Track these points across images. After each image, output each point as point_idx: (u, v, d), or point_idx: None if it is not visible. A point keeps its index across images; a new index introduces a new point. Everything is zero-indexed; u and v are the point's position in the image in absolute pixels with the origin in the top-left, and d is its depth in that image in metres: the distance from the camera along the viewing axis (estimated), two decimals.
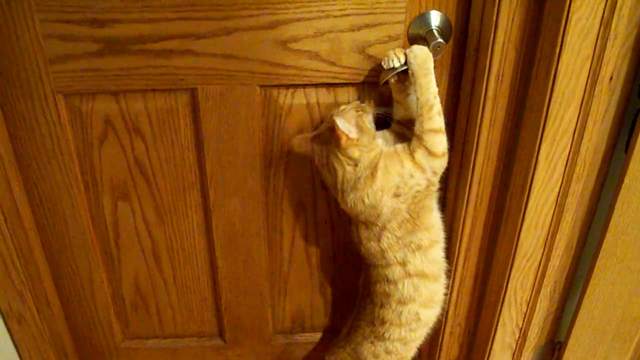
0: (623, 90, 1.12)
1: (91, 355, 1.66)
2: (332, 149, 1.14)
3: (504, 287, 1.33)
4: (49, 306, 1.50)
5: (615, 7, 0.98)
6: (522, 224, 1.22)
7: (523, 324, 1.40)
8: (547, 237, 1.25)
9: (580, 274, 1.37)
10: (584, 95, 1.07)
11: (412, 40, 1.17)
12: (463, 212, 1.30)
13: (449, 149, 1.15)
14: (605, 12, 0.98)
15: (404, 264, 1.20)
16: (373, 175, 1.13)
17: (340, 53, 1.19)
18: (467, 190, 1.26)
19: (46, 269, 1.47)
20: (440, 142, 1.13)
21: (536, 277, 1.32)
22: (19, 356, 1.52)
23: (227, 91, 1.23)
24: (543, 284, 1.33)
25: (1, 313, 1.44)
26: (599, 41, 1.01)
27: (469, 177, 1.24)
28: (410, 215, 1.16)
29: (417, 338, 1.31)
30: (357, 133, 1.12)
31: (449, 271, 1.32)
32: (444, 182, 1.31)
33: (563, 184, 1.18)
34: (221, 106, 1.25)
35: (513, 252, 1.27)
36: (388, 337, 1.28)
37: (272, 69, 1.20)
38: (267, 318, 1.61)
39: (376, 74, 1.21)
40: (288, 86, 1.24)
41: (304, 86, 1.24)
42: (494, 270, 1.36)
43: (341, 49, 1.18)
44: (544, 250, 1.27)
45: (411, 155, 1.13)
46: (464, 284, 1.42)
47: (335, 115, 1.15)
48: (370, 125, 1.16)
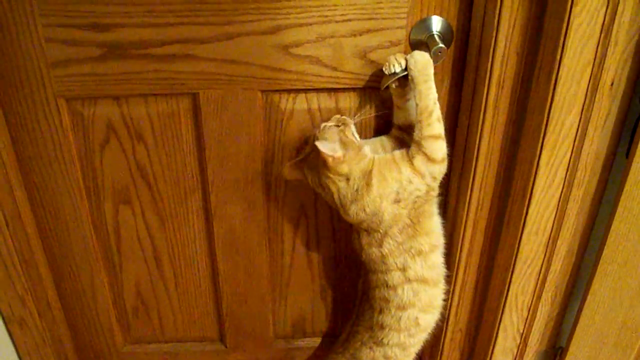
0: (624, 95, 1.12)
1: (92, 359, 1.66)
2: (322, 170, 1.15)
3: (505, 293, 1.32)
4: (50, 310, 1.50)
5: (616, 13, 0.98)
6: (523, 229, 1.22)
7: (524, 329, 1.40)
8: (548, 243, 1.25)
9: (581, 280, 1.37)
10: (585, 100, 1.07)
11: (414, 45, 1.17)
12: (464, 217, 1.30)
13: (449, 154, 1.15)
14: (606, 18, 0.98)
15: (404, 270, 1.20)
16: (369, 184, 1.13)
17: (341, 58, 1.19)
18: (468, 195, 1.26)
19: (47, 273, 1.47)
20: (439, 148, 1.12)
21: (537, 283, 1.31)
22: (20, 359, 1.53)
23: (229, 96, 1.23)
24: (544, 289, 1.32)
25: (2, 317, 1.44)
26: (600, 46, 1.01)
27: (470, 182, 1.24)
28: (411, 220, 1.16)
29: (416, 343, 1.31)
30: (342, 149, 1.12)
31: (449, 277, 1.32)
32: (445, 188, 1.31)
33: (564, 190, 1.18)
34: (222, 111, 1.25)
35: (514, 258, 1.27)
36: (387, 343, 1.27)
37: (274, 74, 1.21)
38: (268, 322, 1.60)
39: (377, 79, 1.21)
40: (289, 91, 1.24)
41: (306, 91, 1.25)
42: (495, 275, 1.35)
43: (342, 54, 1.19)
44: (545, 255, 1.27)
45: (410, 161, 1.13)
46: (465, 289, 1.42)
47: (317, 135, 1.16)
48: (353, 137, 1.15)
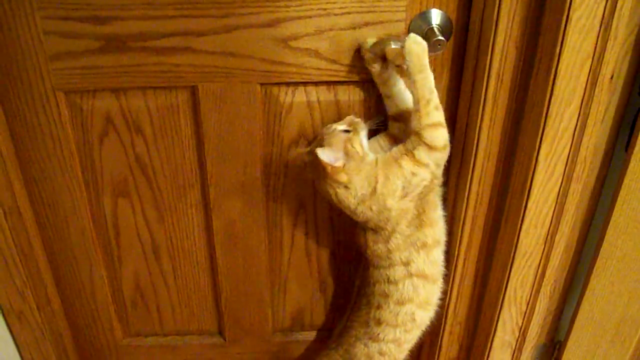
0: (623, 89, 1.12)
1: (91, 352, 1.66)
2: (321, 174, 1.14)
3: (504, 286, 1.33)
4: (49, 304, 1.50)
5: (615, 6, 0.97)
6: (522, 223, 1.22)
7: (523, 323, 1.40)
8: (547, 237, 1.25)
9: (580, 274, 1.37)
10: (584, 94, 1.07)
11: None
12: (463, 211, 1.30)
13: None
14: (605, 11, 0.98)
15: (408, 264, 1.20)
16: (374, 190, 1.14)
17: (340, 51, 1.19)
18: (467, 189, 1.26)
19: (46, 267, 1.47)
20: (440, 136, 1.11)
21: (536, 277, 1.31)
22: (19, 353, 1.52)
23: (228, 89, 1.23)
24: (543, 283, 1.32)
25: (2, 311, 1.44)
26: (600, 40, 1.01)
27: (469, 176, 1.24)
28: (417, 210, 1.16)
29: (411, 340, 1.31)
30: (344, 159, 1.12)
31: (446, 275, 1.32)
32: (444, 181, 1.31)
33: (563, 184, 1.18)
34: (221, 104, 1.25)
35: (513, 252, 1.27)
36: (383, 338, 1.28)
37: (273, 67, 1.20)
38: (267, 316, 1.61)
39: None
40: (288, 84, 1.24)
41: (305, 84, 1.24)
42: (494, 269, 1.36)
43: (342, 47, 1.18)
44: (544, 249, 1.27)
45: (410, 153, 1.12)
46: (464, 283, 1.42)
47: (324, 136, 1.16)
48: (359, 147, 1.14)
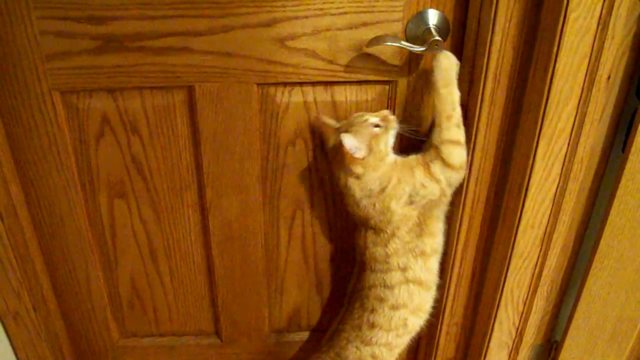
0: (620, 89, 1.12)
1: (87, 353, 1.66)
2: (338, 157, 1.16)
3: (501, 286, 1.33)
4: (45, 304, 1.50)
5: (612, 6, 0.97)
6: (519, 223, 1.22)
7: (520, 323, 1.40)
8: (544, 237, 1.25)
9: (577, 274, 1.37)
10: (582, 94, 1.07)
11: (410, 38, 1.17)
12: (460, 211, 1.29)
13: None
14: (602, 11, 0.98)
15: (405, 270, 1.20)
16: (383, 189, 1.15)
17: (337, 51, 1.19)
18: (464, 188, 1.26)
19: (42, 267, 1.47)
20: (458, 154, 1.14)
21: (533, 276, 1.31)
22: (15, 354, 1.52)
23: (225, 89, 1.23)
24: (540, 283, 1.32)
25: None
26: (597, 40, 1.01)
27: (467, 176, 1.24)
28: (419, 219, 1.17)
29: (401, 344, 1.32)
30: (366, 152, 1.13)
31: (443, 275, 1.32)
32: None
33: (560, 183, 1.18)
34: (218, 104, 1.25)
35: (510, 251, 1.27)
36: (375, 342, 1.28)
37: (270, 67, 1.20)
38: (264, 317, 1.60)
39: (373, 73, 1.21)
40: (285, 84, 1.24)
41: (301, 84, 1.24)
42: (491, 269, 1.36)
43: (339, 47, 1.18)
44: (541, 249, 1.27)
45: (425, 165, 1.15)
46: (461, 283, 1.42)
47: (355, 122, 1.16)
48: (384, 146, 1.16)
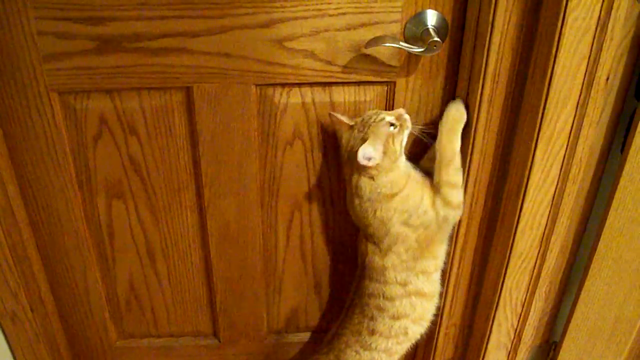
0: (619, 90, 1.12)
1: (85, 354, 1.65)
2: (352, 160, 1.16)
3: (499, 287, 1.32)
4: (43, 305, 1.50)
5: (612, 7, 0.97)
6: (518, 225, 1.22)
7: (518, 324, 1.40)
8: (543, 238, 1.25)
9: (575, 275, 1.37)
10: (580, 95, 1.06)
11: (409, 39, 1.17)
12: None
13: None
14: (602, 12, 0.98)
15: (405, 285, 1.21)
16: (393, 196, 1.16)
17: (336, 52, 1.19)
18: (463, 190, 1.26)
19: (40, 268, 1.46)
20: (456, 195, 1.18)
21: (531, 278, 1.31)
22: (13, 355, 1.51)
23: (223, 90, 1.23)
24: (538, 285, 1.32)
25: None
26: (596, 41, 1.01)
27: (465, 177, 1.23)
28: (418, 244, 1.18)
29: (401, 351, 1.33)
30: (380, 157, 1.14)
31: (442, 277, 1.32)
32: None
33: (559, 185, 1.17)
34: (216, 105, 1.24)
35: (508, 253, 1.27)
36: (375, 348, 1.28)
37: (268, 68, 1.20)
38: (262, 317, 1.60)
39: (372, 73, 1.21)
40: (284, 85, 1.24)
41: (300, 85, 1.24)
42: (489, 270, 1.35)
43: (337, 48, 1.18)
44: (539, 250, 1.27)
45: (433, 194, 1.18)
46: (459, 284, 1.42)
47: (371, 121, 1.16)
48: (399, 146, 1.16)
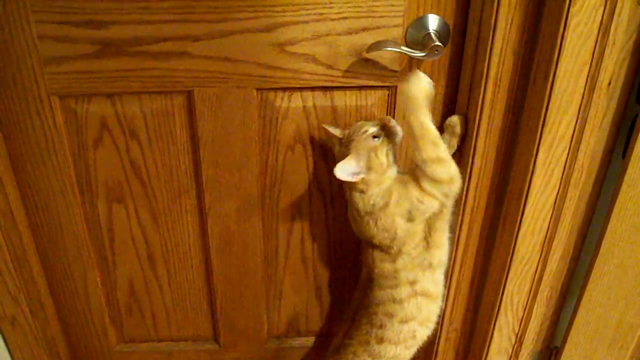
0: (621, 95, 1.12)
1: (85, 358, 1.65)
2: None
3: (501, 292, 1.32)
4: (43, 309, 1.49)
5: (614, 12, 0.97)
6: (519, 229, 1.22)
7: (519, 329, 1.39)
8: (544, 242, 1.25)
9: (577, 279, 1.37)
10: (582, 100, 1.06)
11: (410, 44, 1.17)
12: (460, 217, 1.29)
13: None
14: (604, 17, 0.98)
15: (414, 283, 1.20)
16: (387, 204, 1.14)
17: (337, 56, 1.18)
18: (464, 195, 1.26)
19: (40, 272, 1.46)
20: (442, 170, 1.11)
21: (533, 282, 1.31)
22: (12, 358, 1.51)
23: (224, 94, 1.22)
24: (540, 289, 1.32)
25: None
26: (598, 46, 1.01)
27: (466, 182, 1.23)
28: (424, 233, 1.17)
29: (409, 355, 1.31)
30: (365, 171, 1.14)
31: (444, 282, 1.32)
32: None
33: (560, 189, 1.17)
34: (217, 109, 1.24)
35: (510, 257, 1.26)
36: (384, 355, 1.27)
37: (269, 72, 1.20)
38: (262, 322, 1.60)
39: (373, 78, 1.21)
40: (285, 89, 1.23)
41: (301, 89, 1.24)
42: (491, 274, 1.35)
43: (338, 52, 1.18)
44: (541, 255, 1.27)
45: (417, 181, 1.13)
46: (460, 289, 1.42)
47: (354, 134, 1.15)
48: (384, 158, 1.15)
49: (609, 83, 1.07)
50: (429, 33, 1.14)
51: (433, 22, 1.15)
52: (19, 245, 1.37)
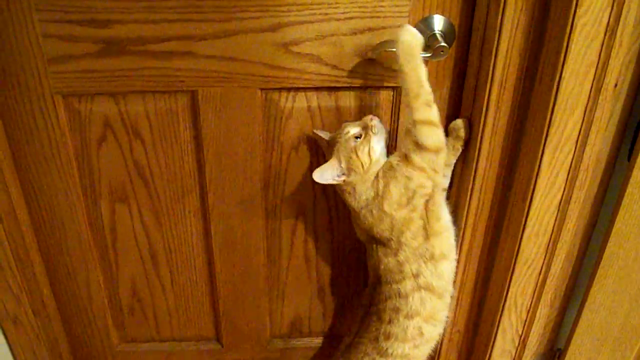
0: (627, 97, 1.11)
1: (87, 358, 1.65)
2: None
3: (505, 294, 1.32)
4: (45, 308, 1.49)
5: (621, 14, 0.97)
6: (524, 231, 1.22)
7: (523, 331, 1.39)
8: (549, 244, 1.24)
9: (581, 282, 1.36)
10: (588, 102, 1.06)
11: None
12: (464, 218, 1.29)
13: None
14: (610, 19, 0.97)
15: (417, 276, 1.19)
16: (377, 194, 1.15)
17: (342, 56, 1.18)
18: (469, 196, 1.25)
19: (43, 271, 1.46)
20: (431, 134, 1.08)
21: (537, 284, 1.31)
22: (14, 358, 1.51)
23: (228, 94, 1.22)
24: (544, 291, 1.32)
25: None
26: (604, 48, 1.00)
27: (471, 183, 1.23)
28: (422, 221, 1.16)
29: (420, 356, 1.29)
30: (346, 174, 1.16)
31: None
32: (447, 189, 1.30)
33: (565, 191, 1.17)
34: (221, 109, 1.24)
35: (514, 259, 1.26)
36: (391, 353, 1.26)
37: (273, 72, 1.19)
38: (265, 322, 1.60)
39: (378, 78, 1.21)
40: (289, 89, 1.23)
41: (305, 89, 1.23)
42: (495, 276, 1.35)
43: (343, 53, 1.18)
44: (545, 257, 1.26)
45: (404, 157, 1.12)
46: (464, 290, 1.42)
47: (339, 137, 1.17)
48: (366, 156, 1.15)
49: (615, 85, 1.06)
50: (435, 34, 1.14)
51: (438, 23, 1.14)
52: (22, 244, 1.37)
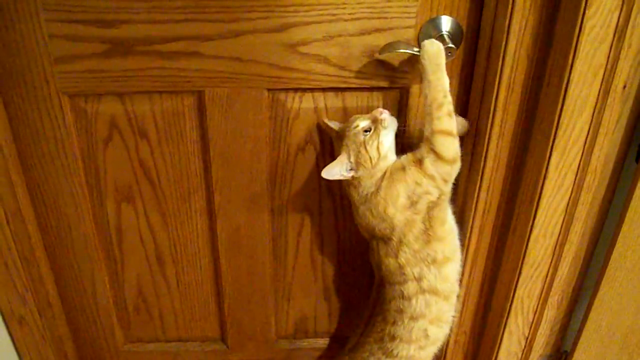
0: (636, 99, 1.11)
1: (92, 358, 1.65)
2: None
3: (511, 296, 1.32)
4: (51, 308, 1.49)
5: (630, 15, 0.96)
6: (531, 233, 1.21)
7: (529, 333, 1.39)
8: (556, 246, 1.24)
9: (588, 284, 1.36)
10: (596, 103, 1.05)
11: None
12: (471, 220, 1.29)
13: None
14: (619, 20, 0.97)
15: (420, 280, 1.19)
16: (378, 189, 1.15)
17: (349, 57, 1.18)
18: (476, 197, 1.25)
19: (48, 271, 1.46)
20: (450, 145, 1.09)
21: (544, 286, 1.30)
22: (20, 358, 1.51)
23: (234, 94, 1.22)
24: (550, 293, 1.31)
25: (2, 314, 1.43)
26: (613, 49, 1.00)
27: (478, 185, 1.23)
28: (424, 225, 1.15)
29: (425, 357, 1.29)
30: (355, 169, 1.15)
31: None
32: (453, 190, 1.30)
33: (573, 193, 1.16)
34: (228, 109, 1.24)
35: (521, 261, 1.26)
36: (397, 354, 1.26)
37: (280, 73, 1.19)
38: (271, 323, 1.59)
39: (385, 79, 1.20)
40: (296, 90, 1.23)
41: (312, 90, 1.23)
42: (501, 278, 1.34)
43: (350, 53, 1.17)
44: (552, 259, 1.26)
45: (417, 162, 1.12)
46: (470, 292, 1.41)
47: (348, 130, 1.16)
48: (375, 151, 1.14)
49: (624, 86, 1.06)
50: (442, 35, 1.13)
51: (446, 24, 1.14)
52: (28, 244, 1.37)
